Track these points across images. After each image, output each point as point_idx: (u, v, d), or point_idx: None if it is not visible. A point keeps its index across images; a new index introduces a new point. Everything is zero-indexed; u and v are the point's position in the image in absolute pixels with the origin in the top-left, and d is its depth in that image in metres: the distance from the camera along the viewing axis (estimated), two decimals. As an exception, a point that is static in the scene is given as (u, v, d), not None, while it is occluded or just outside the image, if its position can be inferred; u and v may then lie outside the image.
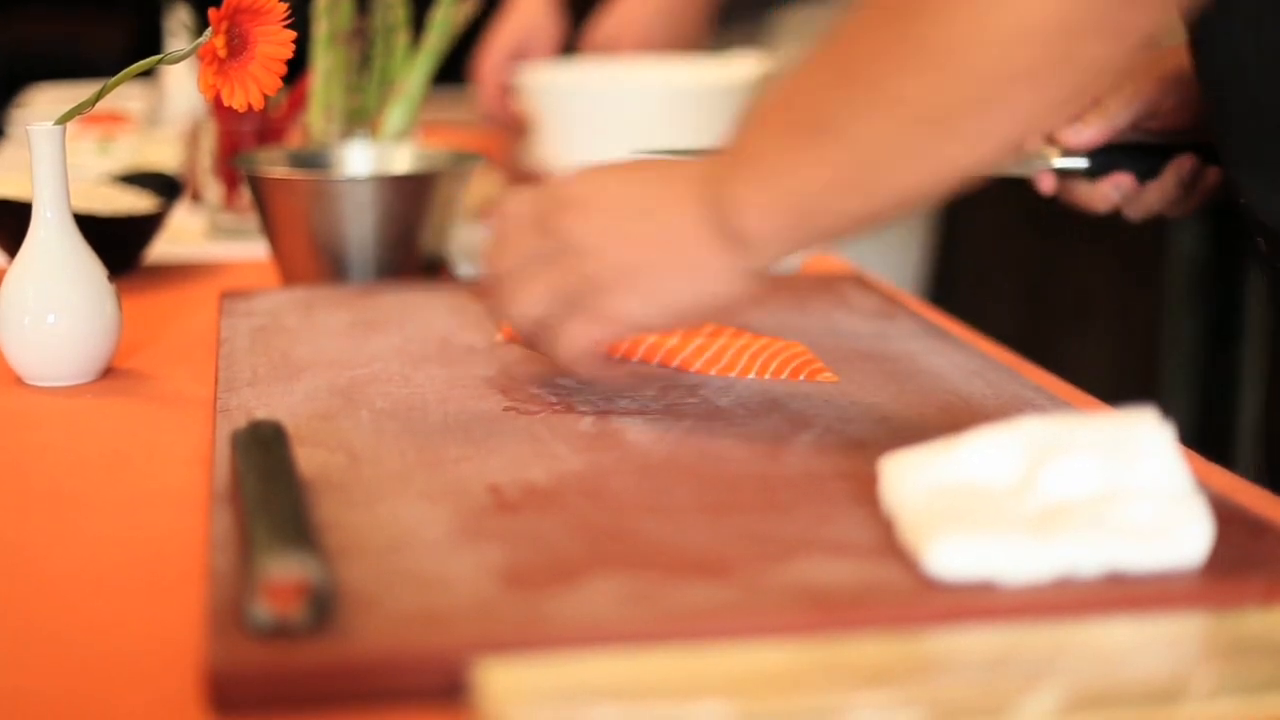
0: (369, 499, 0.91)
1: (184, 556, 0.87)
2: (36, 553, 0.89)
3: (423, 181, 1.47)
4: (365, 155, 1.59)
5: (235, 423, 1.03)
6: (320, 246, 1.46)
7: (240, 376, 1.16)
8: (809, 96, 0.95)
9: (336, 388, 1.13)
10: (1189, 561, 0.80)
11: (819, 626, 0.75)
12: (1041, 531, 0.79)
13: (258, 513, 0.81)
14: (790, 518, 0.88)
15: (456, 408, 1.09)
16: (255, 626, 0.73)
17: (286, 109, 1.82)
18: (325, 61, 1.72)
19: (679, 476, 0.95)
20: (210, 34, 1.10)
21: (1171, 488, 0.82)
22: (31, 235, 1.18)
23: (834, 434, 1.02)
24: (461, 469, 0.96)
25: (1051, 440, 0.84)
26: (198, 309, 1.44)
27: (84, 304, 1.18)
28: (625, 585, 0.78)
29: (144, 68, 1.14)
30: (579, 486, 0.93)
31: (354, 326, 1.29)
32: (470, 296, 1.33)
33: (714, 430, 1.04)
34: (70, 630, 0.79)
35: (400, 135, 1.74)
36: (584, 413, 1.07)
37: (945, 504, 0.82)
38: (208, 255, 1.70)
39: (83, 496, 0.98)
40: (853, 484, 0.92)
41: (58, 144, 1.17)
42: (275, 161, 1.56)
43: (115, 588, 0.84)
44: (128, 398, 1.19)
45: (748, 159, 0.97)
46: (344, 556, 0.82)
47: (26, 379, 1.20)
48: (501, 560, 0.82)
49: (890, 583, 0.79)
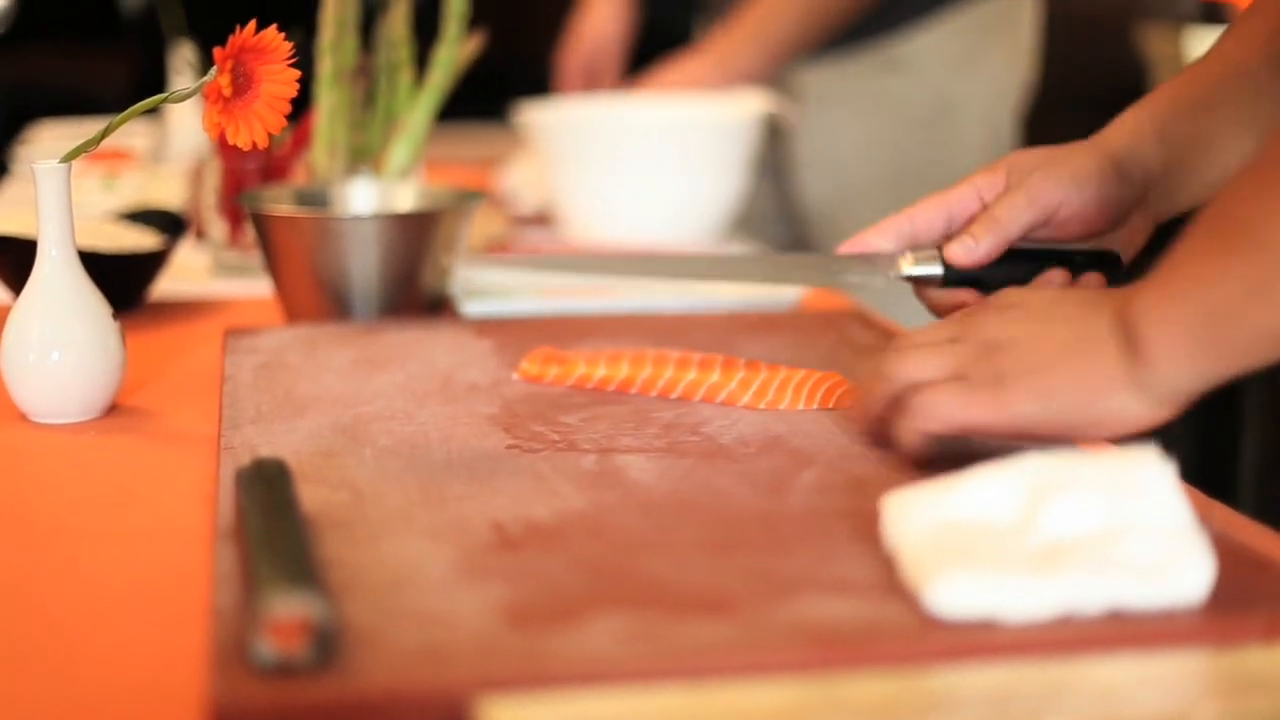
0: (372, 536, 0.91)
1: (188, 593, 0.87)
2: (41, 588, 0.90)
3: (426, 219, 1.47)
4: (369, 193, 1.60)
5: (239, 460, 1.04)
6: (324, 284, 1.46)
7: (244, 414, 1.16)
8: (1232, 208, 0.91)
9: (340, 425, 1.13)
10: (1190, 599, 0.80)
11: (821, 664, 0.75)
12: (1043, 569, 0.79)
13: (261, 550, 0.81)
14: (792, 555, 0.88)
15: (460, 445, 1.09)
16: (259, 663, 0.73)
17: (290, 146, 1.83)
18: (329, 99, 1.73)
19: (681, 514, 0.95)
20: (215, 72, 1.11)
21: (1173, 525, 0.82)
22: (36, 272, 1.18)
23: (836, 471, 1.03)
24: (464, 506, 0.96)
25: (1053, 478, 0.84)
26: (202, 346, 1.45)
27: (88, 341, 1.18)
28: (628, 623, 0.79)
29: (149, 106, 1.14)
30: (582, 524, 0.93)
31: (357, 364, 1.29)
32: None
33: (716, 468, 1.04)
34: (74, 666, 0.79)
35: (404, 173, 1.75)
36: (586, 450, 1.07)
37: (947, 542, 0.82)
38: (212, 292, 1.71)
39: (87, 533, 0.99)
40: (854, 522, 0.93)
41: (63, 182, 1.17)
42: (279, 199, 1.56)
43: (119, 624, 0.84)
44: (132, 435, 1.19)
45: (1165, 271, 0.93)
46: (347, 594, 0.82)
47: (31, 415, 1.20)
48: (504, 598, 0.82)
49: (892, 621, 0.79)
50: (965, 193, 1.18)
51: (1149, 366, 0.92)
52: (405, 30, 1.78)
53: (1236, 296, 0.89)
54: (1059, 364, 0.96)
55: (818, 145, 2.39)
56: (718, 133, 2.00)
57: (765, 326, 1.44)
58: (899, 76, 2.34)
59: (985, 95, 2.38)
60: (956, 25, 2.34)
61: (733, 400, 1.18)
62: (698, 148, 1.99)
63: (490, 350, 1.34)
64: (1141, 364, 0.92)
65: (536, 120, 2.05)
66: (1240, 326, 0.89)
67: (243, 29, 1.11)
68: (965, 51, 2.35)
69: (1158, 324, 0.92)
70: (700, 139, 1.99)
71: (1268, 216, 0.88)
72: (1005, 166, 1.17)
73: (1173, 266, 0.93)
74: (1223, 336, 0.90)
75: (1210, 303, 0.90)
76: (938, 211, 1.18)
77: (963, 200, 1.18)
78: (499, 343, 1.37)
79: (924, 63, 2.34)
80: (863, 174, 2.37)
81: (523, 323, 1.46)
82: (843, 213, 2.39)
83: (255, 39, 1.11)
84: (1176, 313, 0.91)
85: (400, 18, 1.78)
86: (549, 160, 2.04)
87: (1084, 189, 1.14)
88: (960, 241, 1.15)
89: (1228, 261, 0.89)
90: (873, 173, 2.37)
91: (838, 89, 2.37)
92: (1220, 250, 0.90)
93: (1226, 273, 0.89)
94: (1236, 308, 0.89)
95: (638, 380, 1.21)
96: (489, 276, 1.65)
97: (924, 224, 1.18)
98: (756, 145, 2.07)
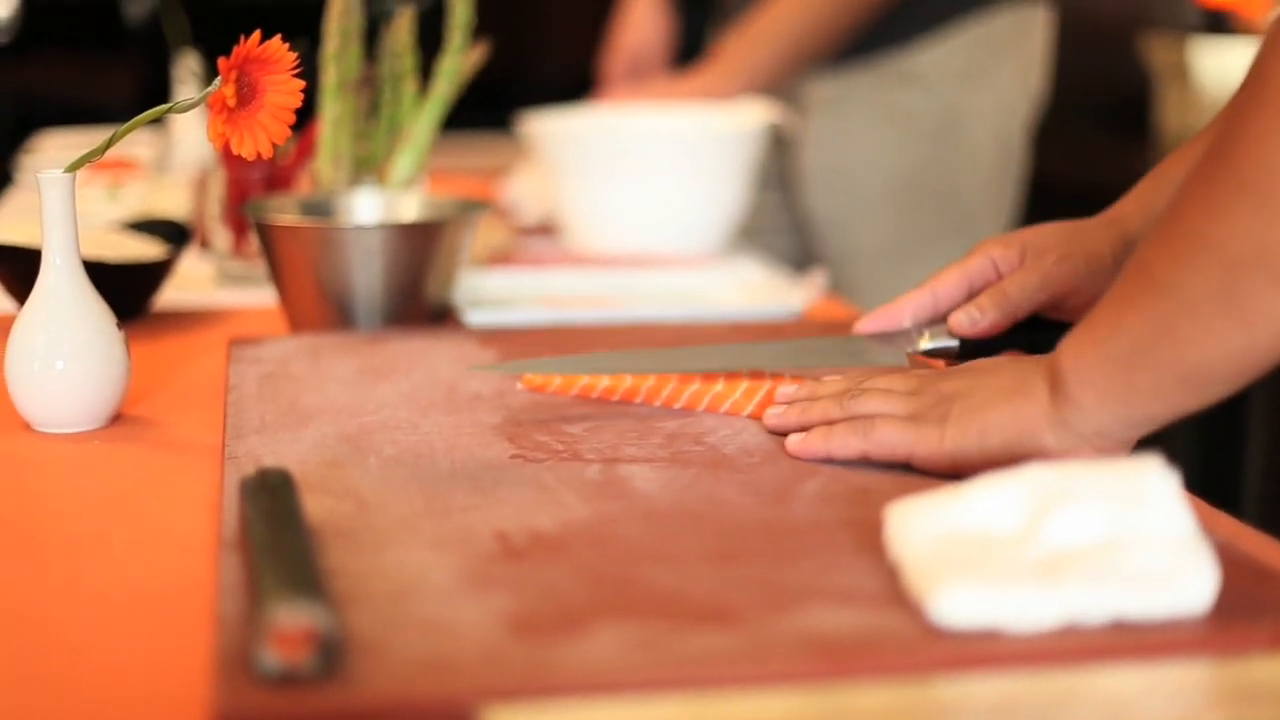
0: (377, 546, 0.91)
1: (192, 603, 0.87)
2: (45, 598, 0.90)
3: (430, 229, 1.47)
4: (373, 203, 1.60)
5: (243, 470, 1.04)
6: (328, 294, 1.46)
7: (248, 423, 1.16)
8: (1144, 255, 0.94)
9: (344, 435, 1.13)
10: (1194, 609, 0.80)
11: (825, 674, 0.76)
12: (1047, 579, 0.79)
13: (266, 560, 0.82)
14: (796, 565, 0.88)
15: (464, 455, 1.09)
16: (263, 673, 0.73)
17: (295, 156, 1.83)
18: (333, 109, 1.73)
19: (685, 524, 0.95)
20: (220, 83, 1.11)
21: (1176, 535, 0.82)
22: (41, 282, 1.19)
23: (839, 481, 1.03)
24: (469, 516, 0.96)
25: (1057, 488, 0.84)
26: (206, 356, 1.45)
27: (93, 350, 1.18)
28: (631, 633, 0.79)
29: (154, 116, 1.14)
30: (586, 534, 0.93)
31: (361, 374, 1.30)
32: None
33: (720, 478, 1.04)
34: (78, 676, 0.79)
35: (408, 183, 1.75)
36: (590, 460, 1.07)
37: (950, 552, 0.82)
38: (216, 302, 1.71)
39: (91, 542, 0.99)
40: (858, 531, 0.93)
41: (67, 191, 1.17)
42: (283, 209, 1.56)
43: (123, 634, 0.85)
44: (136, 444, 1.19)
45: (1089, 317, 0.97)
46: (352, 603, 0.82)
47: (35, 425, 1.20)
48: (509, 607, 0.82)
49: (896, 631, 0.79)
50: (983, 265, 1.21)
51: (1071, 405, 0.97)
52: (409, 40, 1.78)
53: (1144, 338, 0.93)
54: (996, 406, 1.01)
55: (825, 157, 2.39)
56: (722, 144, 2.00)
57: (769, 336, 1.44)
58: (908, 89, 2.34)
59: (994, 109, 2.38)
60: (966, 39, 2.34)
61: (736, 410, 1.18)
62: (702, 159, 1.99)
63: (494, 360, 1.34)
64: (1064, 403, 0.97)
65: (540, 130, 2.05)
66: (1149, 367, 0.93)
67: (247, 39, 1.11)
68: (974, 65, 2.35)
69: (1076, 365, 0.97)
70: (704, 150, 1.99)
71: (1171, 260, 0.91)
72: (1021, 242, 1.20)
73: (1095, 314, 0.97)
74: (1134, 377, 0.94)
75: (1121, 345, 0.94)
76: (959, 285, 1.21)
77: (982, 272, 1.21)
78: (503, 352, 1.37)
79: (933, 75, 2.34)
80: (871, 186, 2.37)
81: (527, 332, 1.46)
82: (850, 224, 2.39)
83: (260, 49, 1.11)
84: (1092, 354, 0.96)
85: (404, 28, 1.78)
86: (552, 171, 2.04)
87: (1097, 276, 1.17)
88: (966, 312, 1.18)
89: (1136, 305, 0.93)
90: (881, 184, 2.37)
91: (846, 100, 2.37)
92: (1131, 295, 0.94)
93: (1135, 316, 0.93)
94: (1144, 349, 0.93)
95: (641, 390, 1.21)
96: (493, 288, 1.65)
97: (945, 297, 1.22)
98: (761, 156, 2.07)
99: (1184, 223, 0.91)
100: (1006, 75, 2.38)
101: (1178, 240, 0.91)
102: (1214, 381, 0.92)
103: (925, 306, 1.21)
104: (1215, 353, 0.91)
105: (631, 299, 1.69)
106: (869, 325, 1.23)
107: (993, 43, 2.36)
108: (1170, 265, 0.91)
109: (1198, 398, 0.93)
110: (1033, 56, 2.42)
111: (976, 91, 2.35)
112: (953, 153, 2.36)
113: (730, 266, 1.88)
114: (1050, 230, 1.20)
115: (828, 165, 2.39)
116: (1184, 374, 0.92)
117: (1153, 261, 0.93)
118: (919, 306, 1.21)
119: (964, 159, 2.37)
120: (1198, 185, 0.91)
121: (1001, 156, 2.39)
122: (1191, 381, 0.92)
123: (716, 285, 1.78)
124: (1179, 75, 3.79)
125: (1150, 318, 0.92)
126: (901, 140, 2.36)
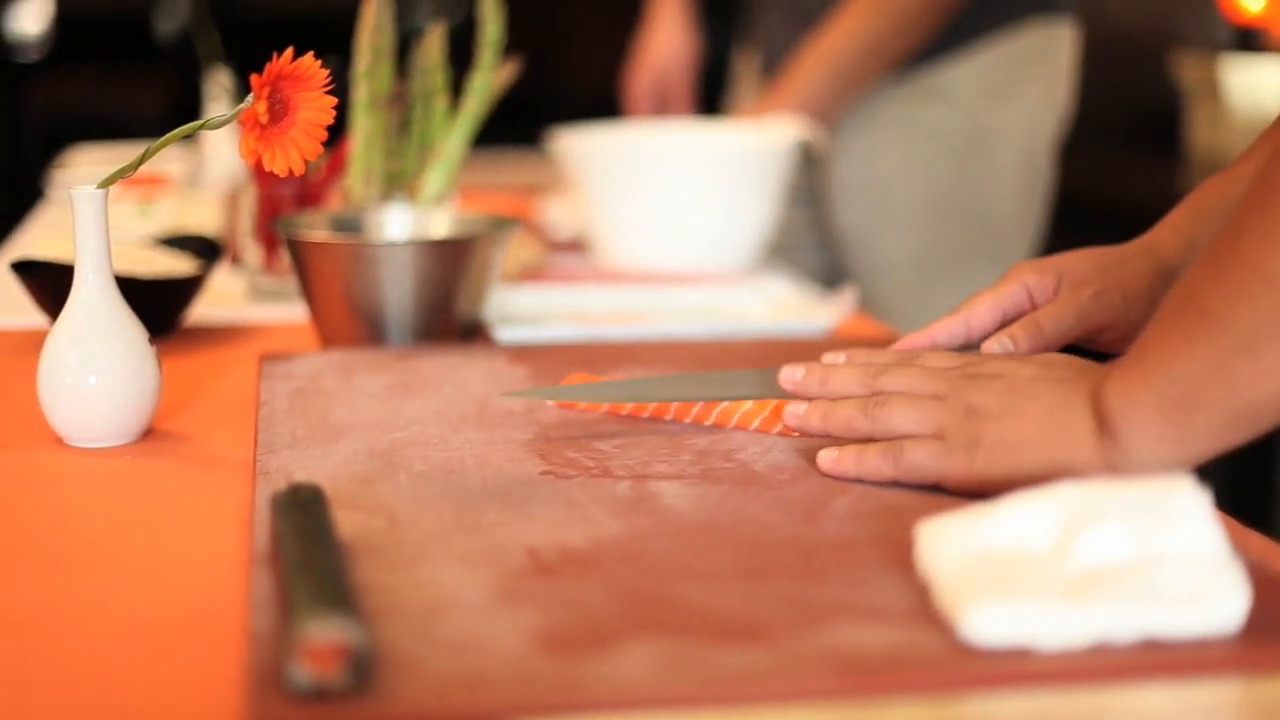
0: (408, 561, 0.91)
1: (224, 618, 0.87)
2: (76, 612, 0.90)
3: (461, 246, 1.48)
4: (404, 219, 1.60)
5: (275, 485, 1.04)
6: (359, 310, 1.47)
7: (279, 439, 1.17)
8: (1194, 290, 0.92)
9: (375, 450, 1.13)
10: (1225, 627, 0.80)
11: (855, 692, 0.76)
12: (1077, 597, 0.79)
13: (297, 575, 0.82)
14: (826, 583, 0.88)
15: (494, 471, 1.09)
16: (295, 688, 0.73)
17: (326, 173, 1.84)
18: (365, 126, 1.74)
19: (715, 541, 0.95)
20: (252, 99, 1.11)
21: (1207, 554, 0.82)
22: (73, 297, 1.19)
23: (870, 499, 1.03)
24: (499, 532, 0.96)
25: (1088, 505, 0.84)
26: (237, 371, 1.45)
27: (125, 365, 1.19)
28: (662, 650, 0.79)
29: (187, 132, 1.15)
30: (616, 550, 0.93)
31: (392, 390, 1.30)
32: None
33: (750, 495, 1.04)
34: (110, 690, 0.80)
35: (439, 199, 1.76)
36: (621, 477, 1.07)
37: (981, 569, 0.82)
38: (247, 318, 1.71)
39: (122, 557, 0.99)
40: (888, 549, 0.93)
41: (100, 207, 1.18)
42: (315, 225, 1.57)
43: (154, 648, 0.85)
44: (167, 459, 1.19)
45: (1136, 353, 0.95)
46: (383, 619, 0.82)
47: (67, 439, 1.21)
48: (539, 624, 0.82)
49: (926, 648, 0.79)
50: (1017, 292, 1.19)
51: (1120, 449, 0.95)
52: (440, 57, 1.79)
53: (1199, 379, 0.91)
54: (1032, 446, 0.99)
55: (854, 172, 2.39)
56: (751, 161, 2.01)
57: (799, 353, 1.44)
58: (936, 105, 2.34)
59: (1021, 125, 2.38)
60: (993, 56, 2.34)
61: (766, 427, 1.18)
62: (731, 176, 1.99)
63: (525, 376, 1.35)
64: (1113, 446, 0.95)
65: (570, 148, 2.05)
66: (1204, 408, 0.91)
67: (280, 56, 1.11)
68: (1002, 82, 2.35)
69: (1127, 407, 0.94)
70: (734, 167, 1.99)
71: (1225, 297, 0.89)
72: (1057, 270, 1.19)
73: (1142, 349, 0.95)
74: (1189, 418, 0.92)
75: (1175, 385, 0.92)
76: (992, 312, 1.20)
77: (1015, 300, 1.19)
78: (533, 369, 1.37)
79: (961, 92, 2.34)
80: (899, 201, 2.37)
81: (557, 349, 1.46)
82: (878, 240, 2.39)
83: (292, 66, 1.12)
84: (1145, 395, 0.94)
85: (435, 45, 1.79)
86: (583, 188, 2.04)
87: (1133, 311, 1.16)
88: (999, 341, 1.16)
89: (1190, 342, 0.91)
90: (909, 200, 2.37)
91: (875, 116, 2.37)
92: (1182, 331, 0.92)
93: (1189, 355, 0.91)
94: (1199, 390, 0.91)
95: (671, 407, 1.21)
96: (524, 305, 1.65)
97: (978, 324, 1.20)
98: (791, 173, 2.07)
99: (1239, 255, 0.89)
100: (1034, 92, 2.38)
101: (1232, 273, 0.89)
102: (1268, 417, 0.91)
103: (958, 333, 1.20)
104: (1274, 389, 0.89)
105: (661, 315, 1.69)
106: (903, 347, 1.22)
107: (1020, 60, 2.36)
108: (1224, 300, 0.89)
109: (1250, 433, 0.92)
110: (1060, 73, 2.41)
111: (1004, 108, 2.35)
112: (981, 169, 2.36)
113: (760, 283, 1.88)
114: (1086, 258, 1.19)
115: (856, 181, 2.39)
116: (1241, 412, 0.91)
117: (1204, 295, 0.91)
118: (951, 332, 1.20)
119: (992, 175, 2.37)
120: (1252, 216, 0.89)
121: (1029, 173, 2.39)
122: (1247, 420, 0.91)
123: (746, 302, 1.78)
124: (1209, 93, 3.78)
125: (1204, 354, 0.90)
126: (930, 156, 2.36)
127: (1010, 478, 0.99)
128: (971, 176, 2.36)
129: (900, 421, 1.06)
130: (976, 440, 1.01)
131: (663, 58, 2.75)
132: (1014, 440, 1.00)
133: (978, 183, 2.36)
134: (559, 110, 3.11)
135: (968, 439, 1.02)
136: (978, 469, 1.01)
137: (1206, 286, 0.91)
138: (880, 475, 1.05)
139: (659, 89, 2.74)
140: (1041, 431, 0.99)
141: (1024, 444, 0.99)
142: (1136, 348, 0.96)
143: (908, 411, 1.07)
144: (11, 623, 0.88)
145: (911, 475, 1.04)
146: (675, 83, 2.75)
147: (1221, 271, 0.90)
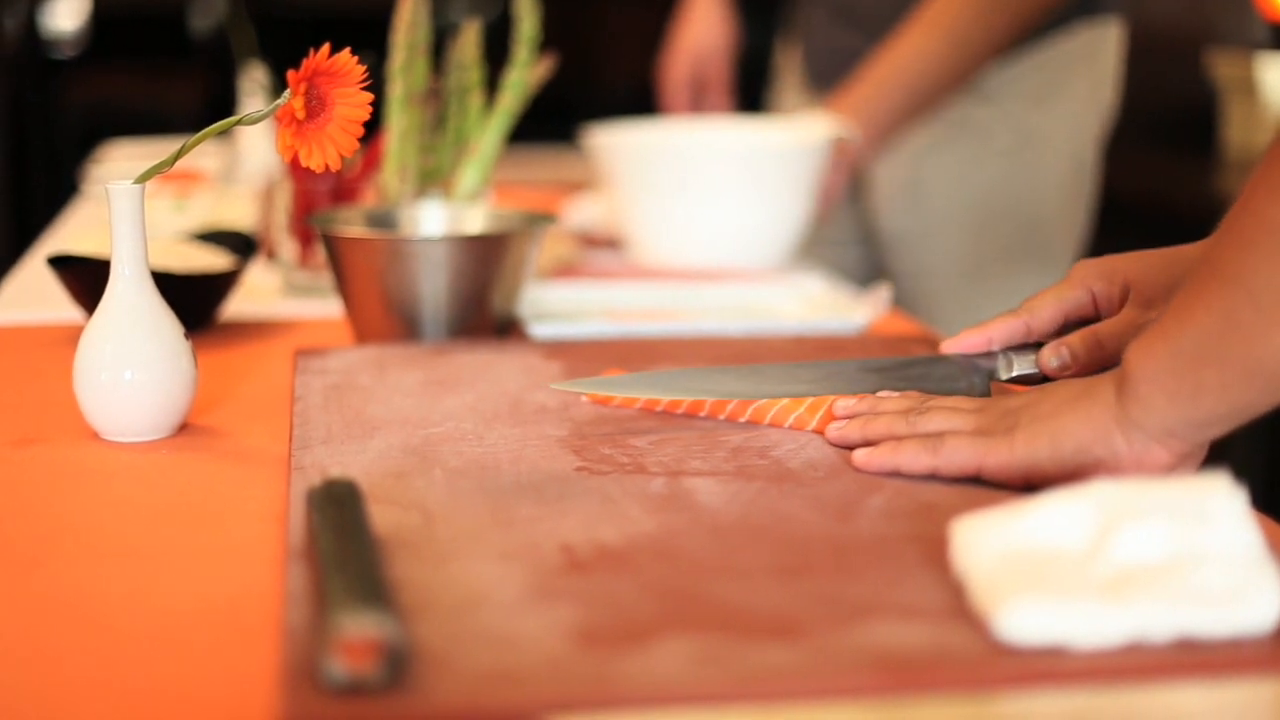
0: (442, 557, 0.91)
1: (259, 612, 0.87)
2: (112, 607, 0.90)
3: (495, 242, 1.48)
4: (439, 215, 1.61)
5: (310, 480, 1.04)
6: (393, 305, 1.47)
7: (314, 434, 1.17)
8: (1212, 252, 0.92)
9: (410, 446, 1.14)
10: (1261, 627, 0.79)
11: (889, 689, 0.75)
12: (1113, 596, 0.79)
13: (333, 570, 0.82)
14: (861, 580, 0.88)
15: (529, 467, 1.09)
16: (330, 683, 0.73)
17: (361, 168, 1.84)
18: (400, 122, 1.74)
19: (750, 538, 0.95)
20: (289, 95, 1.11)
21: (1243, 553, 0.82)
22: (109, 292, 1.20)
23: (904, 496, 1.02)
24: (534, 528, 0.97)
25: (1123, 504, 0.84)
26: (272, 366, 1.46)
27: (161, 360, 1.19)
28: (696, 646, 0.79)
29: (224, 128, 1.15)
30: (651, 547, 0.93)
31: (427, 385, 1.30)
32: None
33: (785, 492, 1.04)
34: (145, 684, 0.80)
35: (474, 195, 1.76)
36: (655, 473, 1.07)
37: (1016, 568, 0.82)
38: (282, 313, 1.72)
39: (158, 551, 0.99)
40: (923, 547, 0.93)
41: (137, 203, 1.18)
42: (350, 221, 1.57)
43: (190, 643, 0.85)
44: (203, 454, 1.20)
45: (1158, 316, 0.96)
46: (418, 614, 0.82)
47: (103, 434, 1.21)
48: (574, 620, 0.82)
49: (961, 646, 0.79)
50: (1081, 296, 1.19)
51: (1140, 404, 0.96)
52: (475, 54, 1.79)
53: (1212, 332, 0.91)
54: (1065, 412, 1.00)
55: (898, 172, 2.38)
56: (786, 158, 2.00)
57: (833, 350, 1.44)
58: (981, 106, 2.33)
59: (1067, 127, 2.36)
60: (1040, 59, 2.32)
61: (801, 424, 1.18)
62: (766, 173, 1.99)
63: (559, 372, 1.35)
64: (1133, 402, 0.96)
65: (605, 144, 2.05)
66: (1215, 362, 0.91)
67: (316, 52, 1.11)
68: (1048, 84, 2.33)
69: (1143, 363, 0.95)
70: (769, 164, 1.99)
71: (1238, 252, 0.90)
72: (1124, 279, 1.17)
73: (1164, 311, 0.95)
74: (1200, 373, 0.92)
75: (1188, 339, 0.92)
76: (1054, 315, 1.20)
77: (1079, 304, 1.19)
78: (568, 365, 1.37)
79: (1006, 94, 2.32)
80: (943, 202, 2.36)
81: (591, 345, 1.46)
82: (921, 241, 2.37)
83: (329, 62, 1.12)
84: (1159, 349, 0.94)
85: (471, 41, 1.79)
86: (617, 184, 2.04)
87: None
88: (1057, 353, 1.17)
89: (1203, 298, 0.92)
90: (953, 201, 2.35)
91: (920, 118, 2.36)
92: (1198, 290, 0.92)
93: (1202, 309, 0.92)
94: (1212, 343, 0.91)
95: (706, 404, 1.21)
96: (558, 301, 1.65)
97: (1038, 326, 1.20)
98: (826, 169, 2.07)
99: (1247, 209, 0.90)
100: (1080, 92, 2.36)
101: (1243, 228, 0.90)
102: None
103: (1017, 332, 1.20)
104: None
105: (695, 313, 1.69)
106: (956, 346, 1.22)
107: (1066, 60, 2.34)
108: (1236, 254, 0.89)
109: (1265, 395, 0.91)
110: (1106, 73, 2.39)
111: (1050, 109, 2.34)
112: (1026, 170, 2.34)
113: (794, 280, 1.87)
114: (1153, 267, 1.17)
115: (900, 181, 2.38)
116: (1250, 368, 0.90)
117: (1219, 257, 0.91)
118: (1010, 331, 1.20)
119: (1037, 177, 2.35)
120: (1264, 172, 0.90)
121: (1075, 174, 2.37)
122: (1258, 377, 0.90)
123: (780, 299, 1.78)
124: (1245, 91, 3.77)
125: (1216, 309, 0.90)
126: (975, 157, 2.35)
127: (1051, 455, 1.00)
128: (1018, 179, 2.34)
129: (940, 425, 1.08)
130: (1014, 426, 1.02)
131: (700, 44, 2.71)
132: (1048, 413, 1.01)
133: (1024, 185, 2.34)
134: (594, 107, 3.11)
135: (1006, 428, 1.03)
136: (1019, 451, 1.01)
137: (1221, 244, 0.91)
138: (918, 464, 1.06)
139: (695, 77, 2.71)
140: (1075, 399, 1.00)
141: (1058, 413, 1.00)
142: (1163, 311, 0.96)
143: (949, 417, 1.08)
144: (48, 617, 0.89)
145: (950, 464, 1.04)
146: (712, 70, 2.72)
147: (1233, 227, 0.91)
